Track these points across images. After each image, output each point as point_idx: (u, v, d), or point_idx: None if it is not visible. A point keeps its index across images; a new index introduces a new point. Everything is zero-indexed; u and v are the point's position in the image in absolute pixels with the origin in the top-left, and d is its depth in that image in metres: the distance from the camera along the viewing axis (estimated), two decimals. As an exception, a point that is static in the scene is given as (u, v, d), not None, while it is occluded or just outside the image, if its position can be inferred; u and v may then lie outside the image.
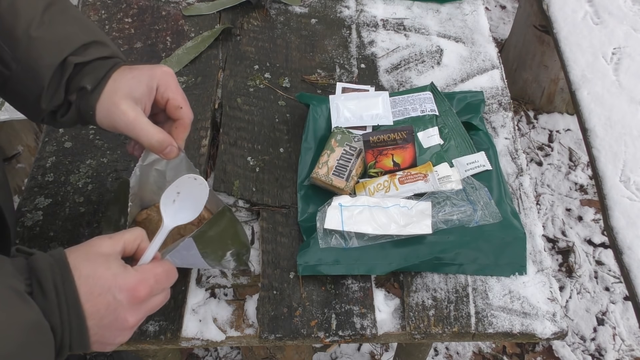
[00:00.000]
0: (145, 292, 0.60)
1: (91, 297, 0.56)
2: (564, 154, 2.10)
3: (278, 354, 1.09)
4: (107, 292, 0.57)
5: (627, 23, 1.45)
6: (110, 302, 0.58)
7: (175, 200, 0.69)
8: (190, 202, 0.70)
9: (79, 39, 0.70)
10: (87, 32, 0.72)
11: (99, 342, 0.59)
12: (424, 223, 0.85)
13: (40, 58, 0.68)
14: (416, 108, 0.99)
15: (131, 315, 0.59)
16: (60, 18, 0.71)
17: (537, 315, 0.82)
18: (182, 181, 0.69)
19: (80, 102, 0.70)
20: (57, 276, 0.55)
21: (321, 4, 1.22)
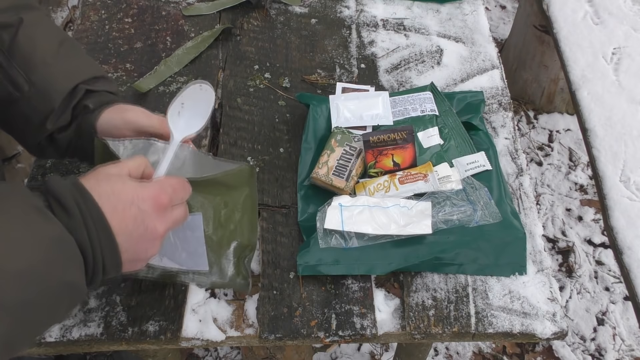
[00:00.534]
0: (167, 199, 0.60)
1: (116, 213, 0.56)
2: (564, 154, 2.10)
3: (278, 354, 1.09)
4: (130, 204, 0.57)
5: (627, 23, 1.45)
6: (136, 214, 0.57)
7: (180, 112, 0.69)
8: (197, 111, 0.69)
9: (90, 71, 0.79)
10: (96, 68, 0.82)
11: (131, 260, 0.59)
12: (424, 223, 0.85)
13: (54, 82, 0.75)
14: (416, 108, 0.99)
15: (160, 223, 0.60)
16: (73, 52, 0.81)
17: (537, 315, 0.82)
18: (186, 92, 0.69)
19: (83, 117, 0.76)
20: (77, 195, 0.55)
21: (321, 4, 1.22)
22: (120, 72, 1.08)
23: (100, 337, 0.78)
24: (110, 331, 0.79)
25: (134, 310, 0.81)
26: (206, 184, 0.68)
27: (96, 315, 0.80)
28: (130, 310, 0.81)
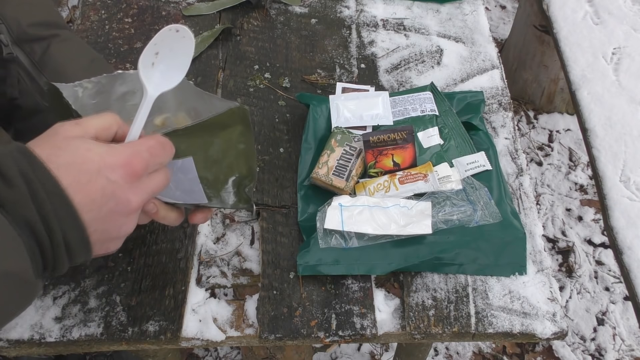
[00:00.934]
0: (141, 165, 0.52)
1: (80, 187, 0.48)
2: (564, 154, 2.10)
3: (278, 354, 1.09)
4: (97, 175, 0.49)
5: (627, 23, 1.45)
6: (104, 185, 0.49)
7: (154, 63, 0.58)
8: (174, 61, 0.59)
9: None
10: None
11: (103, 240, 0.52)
12: (424, 223, 0.85)
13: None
14: (416, 108, 0.99)
15: (134, 195, 0.52)
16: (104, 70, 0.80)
17: (537, 315, 0.82)
18: (160, 38, 0.58)
19: None
20: (23, 162, 0.46)
21: (321, 4, 1.22)
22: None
23: (100, 337, 0.78)
24: (110, 331, 0.79)
25: (134, 310, 0.81)
26: (193, 128, 0.59)
27: (96, 315, 0.80)
28: (130, 310, 0.81)
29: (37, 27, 0.78)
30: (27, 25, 0.77)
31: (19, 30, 0.76)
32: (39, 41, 0.77)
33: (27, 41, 0.77)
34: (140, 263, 0.85)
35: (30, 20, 0.77)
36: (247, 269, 0.87)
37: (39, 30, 0.77)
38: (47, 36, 0.77)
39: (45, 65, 0.76)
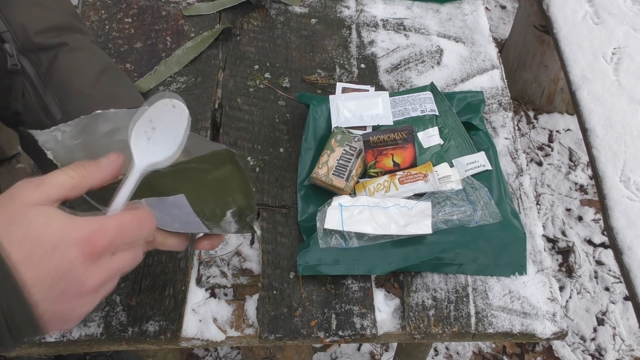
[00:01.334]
0: (103, 243, 0.47)
1: (31, 264, 0.44)
2: (564, 154, 2.10)
3: (278, 354, 1.09)
4: (52, 251, 0.45)
5: (627, 23, 1.45)
6: (58, 263, 0.45)
7: (149, 138, 0.57)
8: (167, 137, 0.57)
9: (128, 103, 0.70)
10: (133, 98, 0.74)
11: (56, 319, 0.47)
12: (424, 223, 0.85)
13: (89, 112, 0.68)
14: (416, 108, 0.99)
15: (91, 275, 0.47)
16: (114, 82, 0.74)
17: (537, 315, 0.82)
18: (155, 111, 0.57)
19: None
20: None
21: (321, 4, 1.22)
22: (120, 72, 1.08)
23: (100, 337, 0.78)
24: (110, 331, 0.79)
25: (134, 310, 0.81)
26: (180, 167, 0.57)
27: (96, 315, 0.80)
28: (130, 310, 0.81)
29: (45, 35, 0.72)
30: (35, 32, 0.71)
31: (25, 38, 0.71)
32: (46, 51, 0.71)
33: (34, 50, 0.71)
34: (140, 263, 0.84)
35: (38, 27, 0.71)
36: (247, 269, 0.87)
37: (46, 38, 0.71)
38: (54, 45, 0.72)
39: (51, 79, 0.70)
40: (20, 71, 0.70)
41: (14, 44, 0.70)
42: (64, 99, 0.70)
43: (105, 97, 0.71)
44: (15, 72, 0.70)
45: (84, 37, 0.76)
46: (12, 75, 0.71)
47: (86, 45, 0.75)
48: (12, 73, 0.70)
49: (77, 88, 0.70)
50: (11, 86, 0.71)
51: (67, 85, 0.70)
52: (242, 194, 0.61)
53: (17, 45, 0.70)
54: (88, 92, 0.71)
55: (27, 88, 0.71)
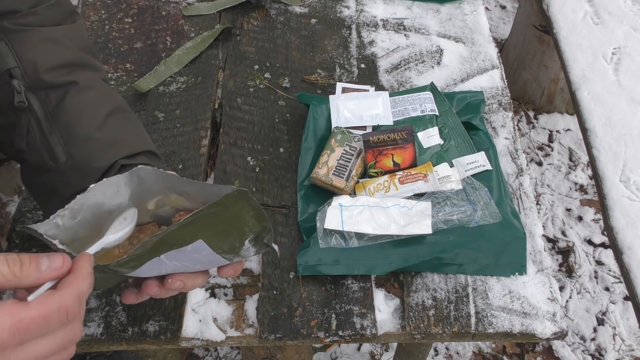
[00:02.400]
0: (6, 336, 0.42)
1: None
2: (564, 154, 2.10)
3: (278, 354, 1.09)
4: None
5: (627, 23, 1.45)
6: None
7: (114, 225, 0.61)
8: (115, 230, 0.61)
9: (135, 147, 0.71)
10: (141, 142, 0.73)
11: None
12: (424, 223, 0.85)
13: (93, 159, 0.67)
14: (416, 108, 0.99)
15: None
16: (121, 124, 0.72)
17: (537, 315, 0.82)
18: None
19: None
20: None
21: (321, 4, 1.22)
22: (120, 72, 1.08)
23: (100, 337, 0.78)
24: (110, 331, 0.79)
25: (134, 310, 0.81)
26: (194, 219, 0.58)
27: (96, 315, 0.80)
28: (130, 310, 0.81)
29: (55, 72, 0.70)
30: (45, 70, 0.69)
31: (35, 76, 0.69)
32: (55, 89, 0.69)
33: (43, 88, 0.69)
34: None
35: (49, 64, 0.69)
36: (247, 269, 0.87)
37: (57, 76, 0.69)
38: (64, 83, 0.70)
39: (58, 118, 0.68)
40: (26, 109, 0.68)
41: (22, 80, 0.68)
42: (69, 141, 0.68)
43: (112, 141, 0.70)
44: (22, 110, 0.68)
45: (95, 74, 0.74)
46: (19, 112, 0.69)
47: (96, 84, 0.74)
48: (18, 110, 0.68)
49: (84, 131, 0.69)
50: (17, 123, 0.69)
51: (74, 127, 0.68)
52: (256, 221, 0.62)
53: (26, 82, 0.68)
54: (95, 135, 0.69)
55: (33, 126, 0.69)
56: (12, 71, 0.68)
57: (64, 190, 0.67)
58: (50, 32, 0.72)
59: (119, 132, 0.71)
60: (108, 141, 0.69)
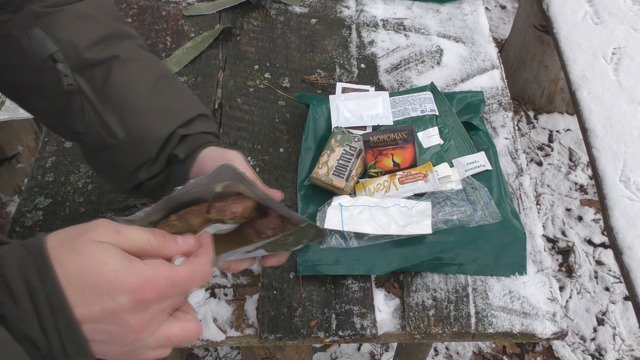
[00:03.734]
0: (153, 295, 0.47)
1: (83, 299, 0.45)
2: (564, 154, 2.10)
3: (278, 354, 1.09)
4: (104, 293, 0.46)
5: (627, 23, 1.45)
6: (108, 305, 0.46)
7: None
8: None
9: (188, 112, 0.71)
10: (193, 105, 0.73)
11: (106, 352, 0.48)
12: (424, 223, 0.85)
13: (151, 129, 0.68)
14: (416, 108, 0.99)
15: (137, 322, 0.47)
16: (169, 90, 0.72)
17: (537, 315, 0.82)
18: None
19: (173, 166, 0.69)
20: (32, 273, 0.44)
21: (321, 4, 1.22)
22: (120, 72, 1.08)
23: (100, 337, 0.78)
24: (110, 331, 0.79)
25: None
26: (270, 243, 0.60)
27: (96, 315, 0.80)
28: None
29: (95, 49, 0.68)
30: (85, 48, 0.68)
31: (76, 56, 0.67)
32: (99, 66, 0.68)
33: (87, 67, 0.68)
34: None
35: (88, 41, 0.68)
36: (247, 269, 0.87)
37: (97, 52, 0.68)
38: (106, 59, 0.68)
39: (107, 96, 0.68)
40: (77, 90, 0.68)
41: (67, 62, 0.67)
42: (124, 116, 0.68)
43: (164, 109, 0.70)
44: (72, 92, 0.68)
45: (133, 42, 0.73)
46: (70, 95, 0.68)
47: (137, 54, 0.72)
48: (68, 93, 0.68)
49: (136, 102, 0.68)
50: (68, 106, 0.69)
51: (124, 102, 0.68)
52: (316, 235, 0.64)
53: (70, 64, 0.67)
54: (147, 105, 0.69)
55: (86, 107, 0.68)
56: (55, 55, 0.67)
57: (127, 164, 0.68)
58: (79, 8, 0.70)
59: (168, 99, 0.71)
60: (160, 110, 0.69)
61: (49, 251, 0.45)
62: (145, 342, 0.49)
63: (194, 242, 0.54)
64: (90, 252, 0.46)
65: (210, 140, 0.71)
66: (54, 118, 0.72)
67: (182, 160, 0.68)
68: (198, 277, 0.52)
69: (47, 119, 0.76)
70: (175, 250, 0.52)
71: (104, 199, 0.92)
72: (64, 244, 0.46)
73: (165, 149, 0.68)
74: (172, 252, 0.52)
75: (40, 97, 0.71)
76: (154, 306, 0.49)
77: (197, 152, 0.68)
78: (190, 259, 0.52)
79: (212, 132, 0.72)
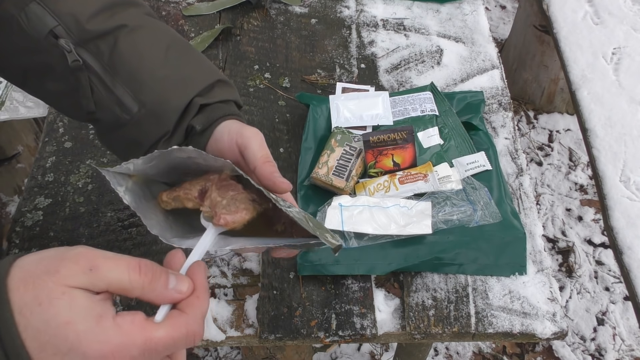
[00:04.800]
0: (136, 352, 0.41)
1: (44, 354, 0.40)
2: (564, 154, 2.10)
3: (278, 354, 1.09)
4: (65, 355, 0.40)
5: (627, 23, 1.45)
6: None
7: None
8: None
9: (204, 78, 0.66)
10: (209, 71, 0.68)
11: None
12: (424, 223, 0.85)
13: (167, 100, 0.63)
14: (416, 108, 0.99)
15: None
16: (183, 57, 0.67)
17: (537, 315, 0.82)
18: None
19: (191, 138, 0.65)
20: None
21: (321, 4, 1.22)
22: (120, 72, 1.08)
23: (100, 337, 0.78)
24: (110, 331, 0.79)
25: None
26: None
27: (96, 315, 0.80)
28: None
29: (98, 18, 0.64)
30: (86, 19, 0.63)
31: (78, 28, 0.63)
32: (104, 37, 0.63)
33: (91, 40, 0.63)
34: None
35: (89, 11, 0.63)
36: (247, 269, 0.87)
37: (101, 22, 0.63)
38: (111, 29, 0.63)
39: (117, 68, 0.63)
40: (83, 66, 0.63)
41: (69, 37, 0.63)
42: (137, 88, 0.63)
43: (180, 77, 0.65)
44: (79, 69, 0.63)
45: (138, 10, 0.68)
46: (76, 73, 0.63)
47: (144, 21, 0.67)
48: (75, 70, 0.63)
49: (149, 72, 0.63)
50: (77, 85, 0.64)
51: (136, 73, 0.63)
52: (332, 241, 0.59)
53: (72, 39, 0.63)
54: (160, 74, 0.64)
55: (95, 83, 0.64)
56: (55, 30, 0.63)
57: (145, 140, 0.64)
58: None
59: (183, 66, 0.66)
60: (175, 77, 0.65)
61: (10, 293, 0.40)
62: None
63: (187, 288, 0.46)
64: (54, 306, 0.40)
65: (230, 111, 0.66)
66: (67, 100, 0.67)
67: (199, 133, 0.63)
68: (181, 343, 0.44)
69: (59, 103, 0.71)
70: (163, 297, 0.45)
71: (104, 199, 0.92)
72: (27, 286, 0.40)
73: (183, 121, 0.63)
74: (158, 299, 0.44)
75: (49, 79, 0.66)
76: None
77: (215, 125, 0.63)
78: (174, 318, 0.44)
79: (232, 99, 0.67)
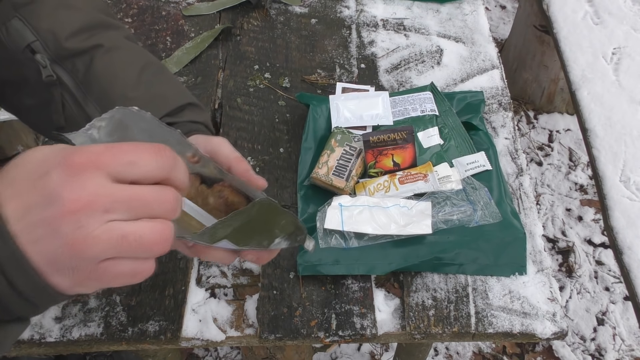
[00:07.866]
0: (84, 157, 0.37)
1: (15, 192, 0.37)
2: (564, 154, 2.10)
3: (278, 354, 1.09)
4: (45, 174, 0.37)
5: (627, 23, 1.45)
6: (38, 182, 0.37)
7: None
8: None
9: (175, 100, 0.67)
10: (181, 94, 0.69)
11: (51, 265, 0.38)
12: (424, 223, 0.85)
13: None
14: (416, 108, 0.99)
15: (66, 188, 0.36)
16: (156, 79, 0.69)
17: (537, 315, 0.82)
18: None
19: None
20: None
21: (321, 4, 1.22)
22: (120, 72, 1.08)
23: (100, 337, 0.79)
24: (110, 331, 0.79)
25: (134, 310, 0.81)
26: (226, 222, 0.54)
27: (96, 315, 0.80)
28: (130, 310, 0.81)
29: (76, 38, 0.66)
30: (66, 37, 0.65)
31: (56, 45, 0.65)
32: (81, 56, 0.65)
33: (68, 57, 0.65)
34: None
35: (68, 30, 0.65)
36: (247, 269, 0.87)
37: (79, 42, 0.65)
38: (88, 48, 0.65)
39: (90, 86, 0.65)
40: (56, 82, 0.65)
41: (45, 53, 0.64)
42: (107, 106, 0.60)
43: (150, 98, 0.67)
44: (52, 84, 0.65)
45: (118, 33, 0.70)
46: (50, 88, 0.65)
47: (122, 43, 0.69)
48: (49, 85, 0.65)
49: (119, 93, 0.65)
50: (50, 99, 0.66)
51: (108, 92, 0.65)
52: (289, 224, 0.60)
53: (49, 54, 0.65)
54: (132, 95, 0.66)
55: (67, 99, 0.66)
56: (33, 46, 0.64)
57: None
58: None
59: (155, 88, 0.67)
60: (146, 99, 0.66)
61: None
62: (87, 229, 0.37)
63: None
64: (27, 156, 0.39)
65: (198, 129, 0.67)
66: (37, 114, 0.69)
67: None
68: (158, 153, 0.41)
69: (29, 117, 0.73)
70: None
71: (104, 199, 0.92)
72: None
73: None
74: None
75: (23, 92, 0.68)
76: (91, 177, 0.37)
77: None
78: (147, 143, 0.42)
79: (201, 122, 0.69)
